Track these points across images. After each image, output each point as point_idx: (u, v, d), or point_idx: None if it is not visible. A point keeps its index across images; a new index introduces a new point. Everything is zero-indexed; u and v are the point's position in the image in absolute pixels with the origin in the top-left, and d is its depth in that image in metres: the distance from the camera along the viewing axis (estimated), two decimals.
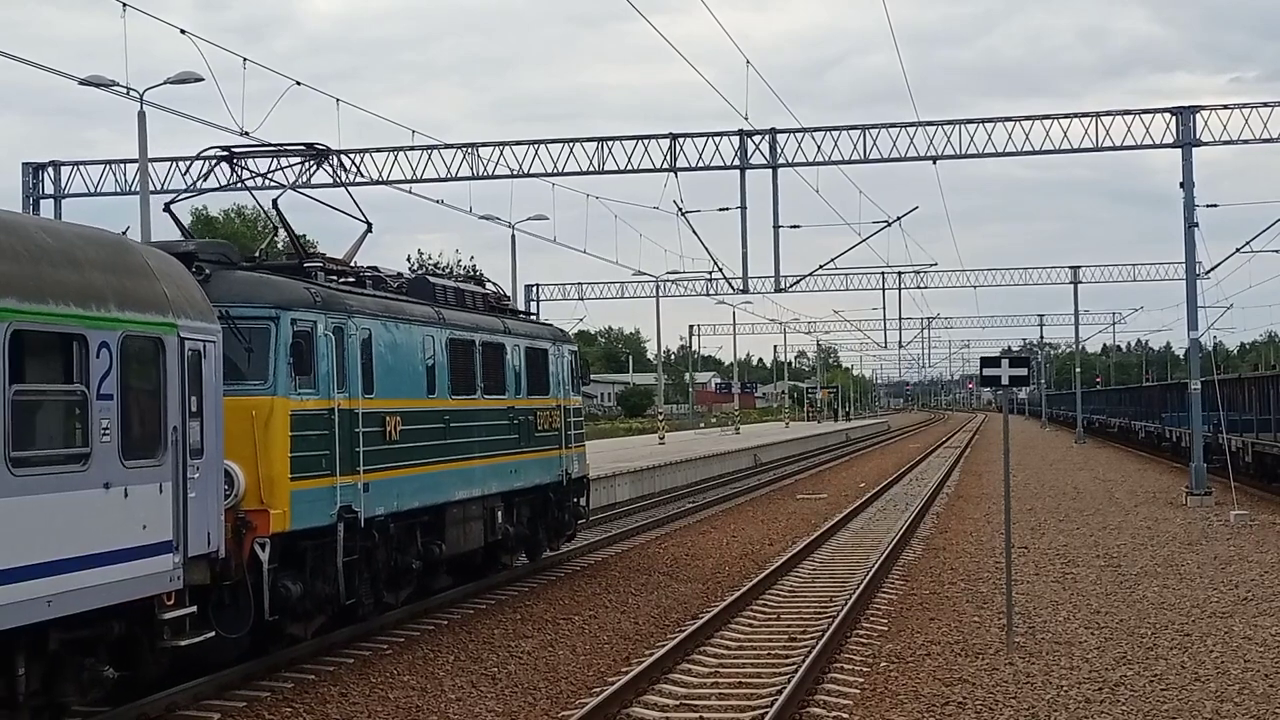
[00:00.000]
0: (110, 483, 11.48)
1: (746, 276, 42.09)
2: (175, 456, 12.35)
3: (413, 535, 18.00)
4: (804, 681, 13.73)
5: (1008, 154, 36.95)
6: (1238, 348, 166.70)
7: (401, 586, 17.99)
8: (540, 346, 22.91)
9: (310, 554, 15.40)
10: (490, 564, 21.61)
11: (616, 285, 78.02)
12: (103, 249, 12.13)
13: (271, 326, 15.10)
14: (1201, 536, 27.18)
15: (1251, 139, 34.96)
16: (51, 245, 11.34)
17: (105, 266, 11.88)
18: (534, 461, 22.15)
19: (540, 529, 22.96)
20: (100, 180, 40.11)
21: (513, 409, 21.36)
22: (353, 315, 16.39)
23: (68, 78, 29.89)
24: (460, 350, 19.38)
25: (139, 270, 12.35)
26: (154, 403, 12.18)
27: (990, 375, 16.88)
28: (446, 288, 20.57)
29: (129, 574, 11.69)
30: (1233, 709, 12.96)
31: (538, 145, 37.80)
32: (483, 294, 22.02)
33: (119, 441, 11.58)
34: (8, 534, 10.23)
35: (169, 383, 12.33)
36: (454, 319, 19.50)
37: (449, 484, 18.80)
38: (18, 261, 10.65)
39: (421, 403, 18.10)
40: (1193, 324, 36.53)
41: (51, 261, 11.11)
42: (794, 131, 37.17)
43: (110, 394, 11.48)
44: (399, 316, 17.71)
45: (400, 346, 17.58)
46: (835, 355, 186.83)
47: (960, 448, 72.30)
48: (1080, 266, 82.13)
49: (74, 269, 11.36)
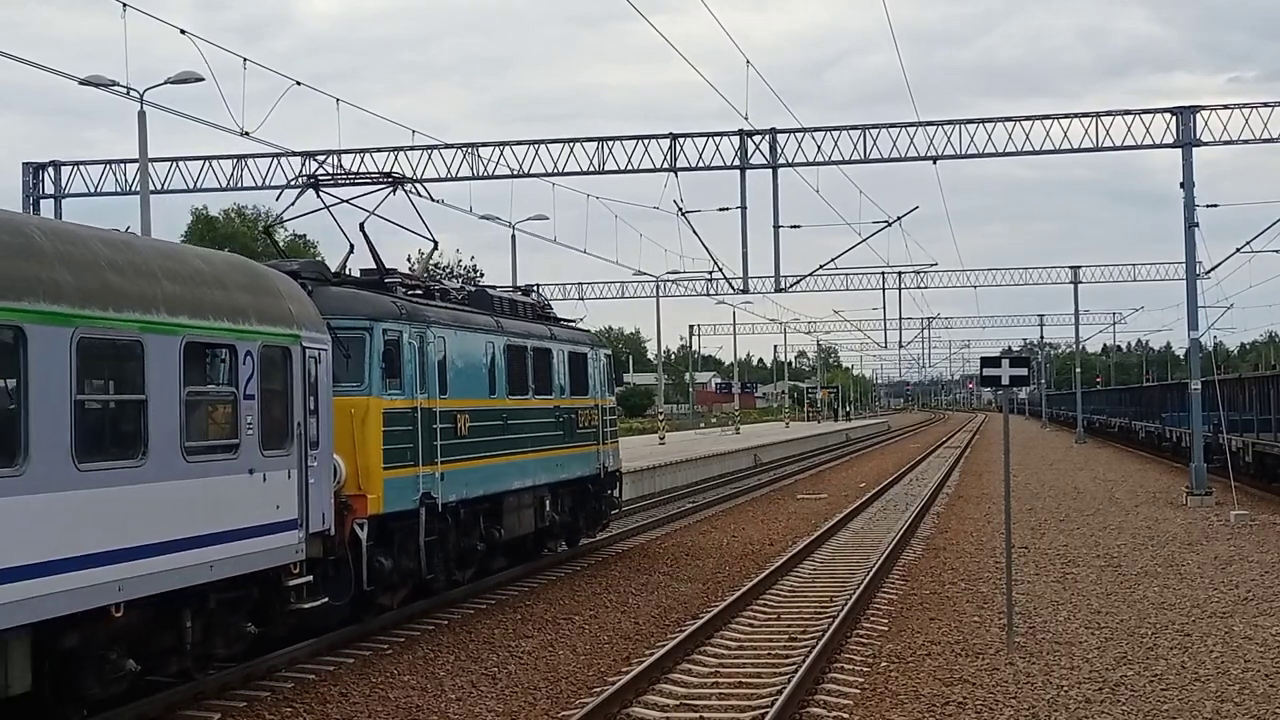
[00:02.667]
0: (254, 469, 13.66)
1: (746, 276, 42.09)
2: (299, 447, 14.60)
3: (477, 520, 20.17)
4: (804, 681, 13.73)
5: (1008, 154, 36.92)
6: (1238, 348, 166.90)
7: (467, 565, 20.20)
8: (580, 351, 25.07)
9: (398, 534, 17.64)
10: (537, 549, 23.78)
11: (616, 285, 78.09)
12: (243, 273, 14.45)
13: (366, 336, 17.35)
14: (1202, 536, 27.18)
15: (1251, 139, 34.95)
16: (207, 271, 13.64)
17: (246, 288, 14.12)
18: (576, 456, 24.35)
19: (580, 517, 25.16)
20: (100, 180, 40.14)
21: (558, 408, 23.51)
22: (430, 325, 18.59)
23: (68, 78, 29.93)
24: (515, 355, 21.65)
25: (270, 290, 14.60)
26: (283, 402, 14.37)
27: (990, 375, 16.88)
28: (502, 299, 22.77)
29: (267, 546, 13.89)
30: (1233, 709, 12.95)
31: (538, 145, 37.82)
32: (531, 303, 24.23)
33: (259, 434, 13.75)
34: (183, 510, 12.50)
35: (294, 385, 14.55)
36: (510, 327, 21.75)
37: (507, 475, 21.07)
38: (186, 285, 12.97)
39: (485, 402, 20.30)
40: (1193, 324, 36.52)
41: (208, 284, 13.38)
42: (794, 131, 37.17)
43: (253, 394, 13.67)
44: (466, 325, 19.93)
45: (468, 352, 19.82)
46: (835, 355, 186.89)
47: (960, 448, 72.29)
48: (1080, 266, 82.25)
49: (224, 290, 13.62)
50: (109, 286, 11.74)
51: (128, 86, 31.03)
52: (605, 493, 26.31)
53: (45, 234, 11.66)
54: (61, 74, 40.48)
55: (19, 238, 11.15)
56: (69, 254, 11.56)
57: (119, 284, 11.93)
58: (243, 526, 13.42)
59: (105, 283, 11.72)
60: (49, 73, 53.12)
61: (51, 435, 10.91)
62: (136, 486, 11.94)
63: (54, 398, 10.96)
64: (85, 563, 11.25)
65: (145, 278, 12.40)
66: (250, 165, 39.10)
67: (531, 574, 19.46)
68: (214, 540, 12.91)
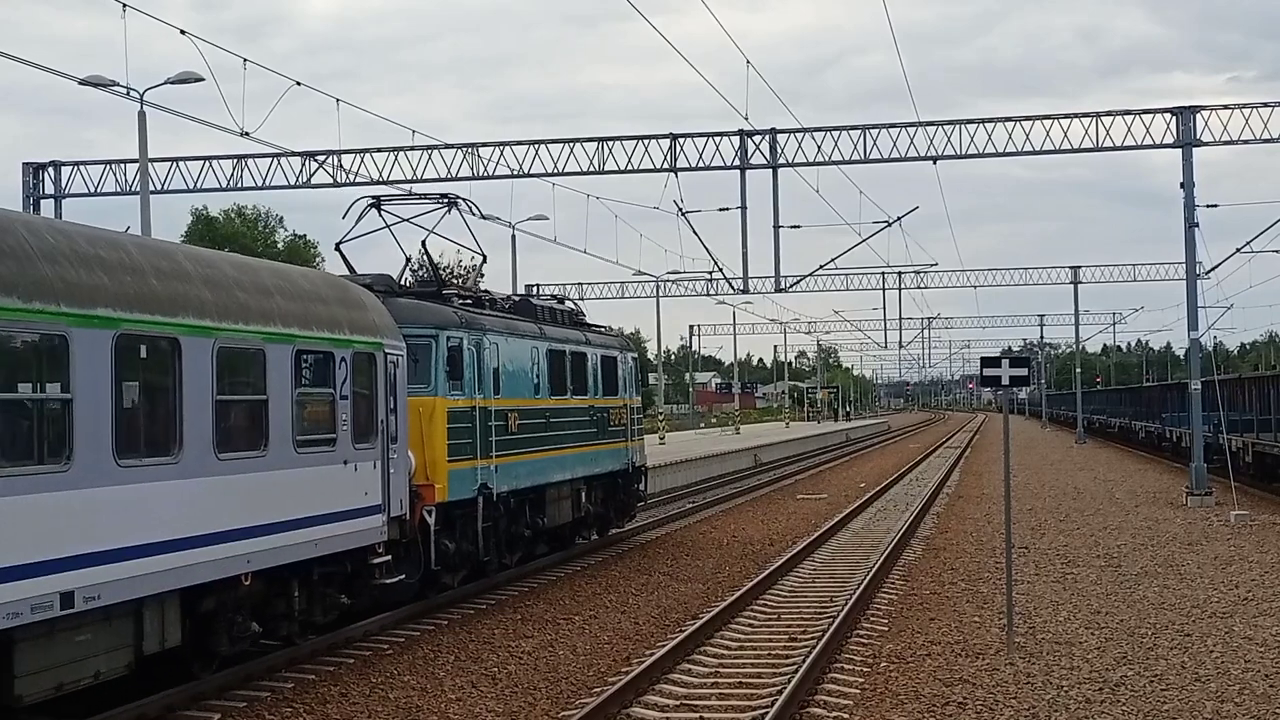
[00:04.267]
0: (348, 460, 15.57)
1: (747, 276, 42.09)
2: (382, 442, 16.42)
3: (524, 509, 22.09)
4: (804, 681, 13.73)
5: (1008, 154, 36.90)
6: (1238, 348, 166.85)
7: (515, 550, 22.13)
8: (611, 354, 26.88)
9: (459, 520, 19.54)
10: (572, 537, 25.56)
11: (616, 285, 78.04)
12: (337, 289, 16.44)
13: (432, 343, 19.21)
14: (1202, 536, 27.18)
15: (1251, 139, 34.92)
16: (309, 288, 15.61)
17: (340, 302, 16.01)
18: (608, 451, 26.26)
19: (610, 509, 27.07)
20: (100, 180, 40.12)
21: (593, 407, 25.37)
22: (485, 333, 20.51)
23: (67, 78, 29.89)
24: (556, 359, 23.55)
25: (358, 304, 16.49)
26: (369, 401, 16.16)
27: (990, 375, 16.86)
28: (543, 307, 24.78)
29: (358, 527, 15.79)
30: (1233, 709, 12.95)
31: (538, 145, 37.80)
32: (567, 311, 26.15)
33: (351, 430, 15.65)
34: (295, 495, 14.41)
35: (378, 386, 16.36)
36: (551, 333, 23.65)
37: (550, 468, 22.97)
38: (296, 300, 14.91)
39: (531, 402, 22.21)
40: (1193, 324, 36.49)
41: (312, 300, 15.34)
42: (794, 131, 37.16)
43: (347, 395, 15.60)
44: (514, 332, 21.87)
45: (516, 356, 21.72)
46: (835, 355, 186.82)
47: (960, 448, 72.28)
48: (1080, 266, 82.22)
49: (324, 305, 15.54)
50: (239, 303, 13.65)
51: (127, 86, 31.04)
52: (633, 486, 28.10)
53: (190, 259, 13.68)
54: (61, 74, 40.53)
55: (172, 263, 13.11)
56: (208, 276, 13.50)
57: (246, 301, 13.83)
58: (339, 510, 15.38)
59: (236, 300, 13.64)
60: (48, 73, 53.14)
61: (199, 429, 12.75)
62: (260, 474, 13.87)
63: (200, 397, 12.81)
64: (224, 538, 13.19)
65: (265, 295, 14.34)
66: (250, 165, 39.09)
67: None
68: (318, 521, 14.89)
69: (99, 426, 11.36)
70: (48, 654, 11.15)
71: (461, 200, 22.59)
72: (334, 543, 15.25)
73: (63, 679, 11.42)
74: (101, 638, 11.83)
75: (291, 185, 39.34)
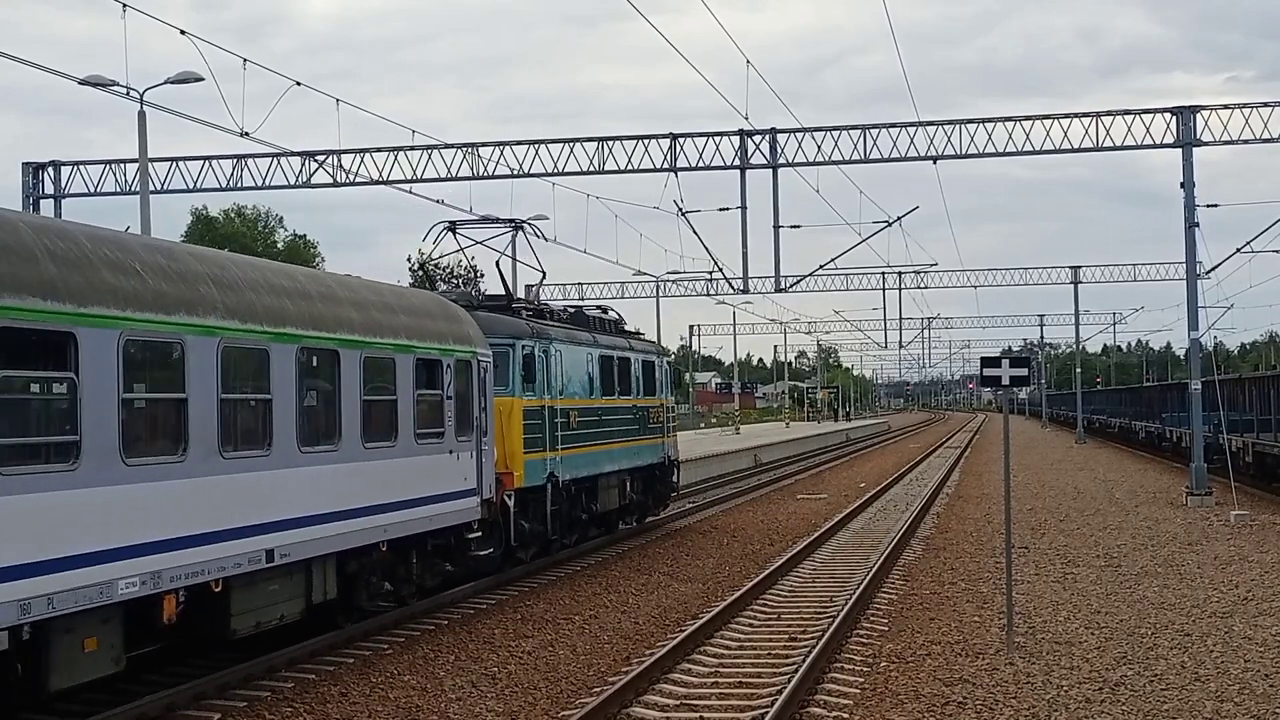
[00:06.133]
0: (452, 450, 18.53)
1: (747, 276, 42.01)
2: (477, 435, 19.42)
3: (581, 496, 25.06)
4: (804, 681, 13.73)
5: (1008, 154, 36.83)
6: (1238, 348, 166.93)
7: (573, 531, 25.08)
8: (650, 359, 29.86)
9: (532, 504, 22.56)
10: (616, 523, 28.41)
11: (616, 285, 78.01)
12: (440, 306, 19.51)
13: (510, 350, 22.30)
14: (1202, 536, 27.18)
15: (1251, 139, 34.89)
16: (420, 305, 18.70)
17: (444, 317, 18.99)
18: (647, 446, 29.12)
19: (649, 498, 29.91)
20: (100, 180, 40.10)
21: (635, 406, 28.27)
22: (551, 341, 23.52)
23: (67, 78, 29.88)
24: (606, 363, 26.49)
25: (458, 318, 19.52)
26: (467, 401, 19.07)
27: (990, 375, 16.86)
28: (593, 318, 27.53)
29: (459, 507, 18.77)
30: (1233, 709, 12.95)
31: (538, 145, 37.77)
32: (613, 320, 28.93)
33: (455, 424, 18.56)
34: (416, 478, 17.37)
35: (473, 388, 19.33)
36: (602, 340, 26.64)
37: (602, 460, 25.95)
38: (414, 317, 17.89)
39: (587, 401, 25.13)
40: (1193, 324, 36.48)
41: (424, 316, 18.37)
42: (794, 131, 37.13)
43: (451, 395, 18.52)
44: (573, 340, 24.81)
45: (575, 361, 24.71)
46: (835, 355, 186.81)
47: (960, 448, 72.28)
48: (1080, 266, 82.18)
49: (432, 320, 18.53)
50: (378, 322, 16.76)
51: (127, 86, 31.03)
52: (668, 478, 31.02)
53: (341, 286, 16.61)
54: (61, 74, 40.55)
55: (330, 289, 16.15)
56: (355, 299, 16.58)
57: (381, 319, 16.86)
58: (447, 492, 18.37)
59: (375, 319, 16.72)
60: (48, 73, 53.16)
61: (352, 423, 15.74)
62: (392, 460, 16.78)
63: (352, 397, 15.79)
64: (368, 513, 16.10)
65: (393, 313, 17.31)
66: (250, 165, 39.06)
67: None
68: (432, 501, 17.82)
69: (286, 421, 14.37)
70: (250, 599, 14.07)
71: (526, 224, 26.33)
72: (443, 519, 18.25)
73: (260, 619, 14.30)
74: (285, 589, 14.79)
75: (291, 185, 39.32)
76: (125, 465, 11.80)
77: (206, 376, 13.07)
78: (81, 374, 11.26)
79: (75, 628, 11.48)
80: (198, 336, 12.96)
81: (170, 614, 12.75)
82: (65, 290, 11.17)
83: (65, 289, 11.18)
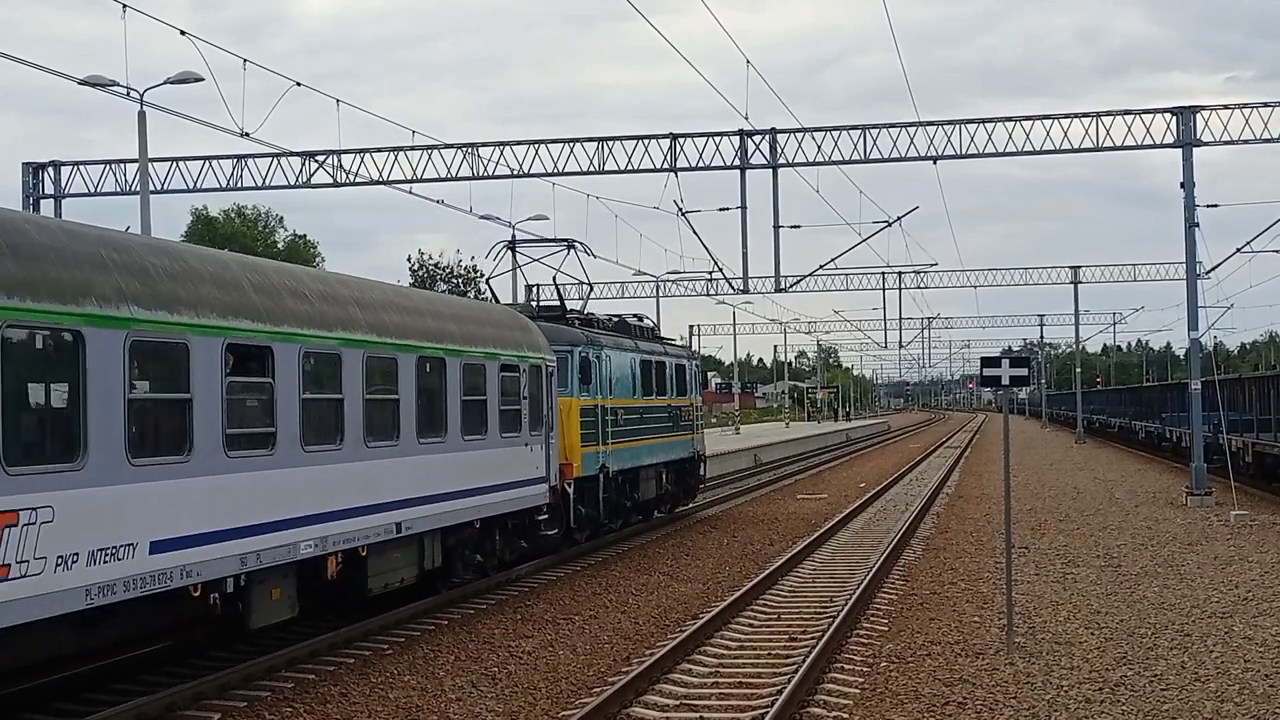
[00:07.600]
0: (527, 443, 21.29)
1: (747, 276, 42.00)
2: (546, 430, 22.18)
3: (625, 486, 28.00)
4: (804, 681, 13.73)
5: (1008, 154, 36.81)
6: (1238, 348, 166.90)
7: (619, 518, 28.12)
8: (681, 362, 32.73)
9: (587, 492, 25.52)
10: (652, 511, 31.10)
11: (617, 285, 77.86)
12: (514, 318, 22.29)
13: (569, 356, 25.09)
14: (1201, 536, 27.17)
15: (1251, 139, 34.87)
16: (499, 318, 21.44)
17: (517, 328, 21.76)
18: (679, 442, 31.93)
19: (680, 489, 32.69)
20: (100, 180, 40.10)
21: (669, 405, 31.04)
22: (603, 348, 26.48)
23: (67, 78, 29.87)
24: (645, 366, 29.31)
25: (528, 329, 22.28)
26: (538, 401, 21.75)
27: (990, 375, 16.85)
28: (632, 325, 30.48)
29: (531, 492, 21.49)
30: (1233, 709, 12.95)
31: (538, 145, 37.77)
32: (649, 328, 31.88)
33: (529, 421, 21.33)
34: (500, 467, 20.15)
35: (543, 389, 22.00)
36: (642, 345, 29.59)
37: (642, 454, 28.84)
38: (495, 328, 20.73)
39: (630, 401, 28.03)
40: (1193, 324, 36.48)
41: (502, 327, 21.12)
42: (794, 131, 37.12)
43: (526, 396, 21.20)
44: (619, 346, 27.77)
45: (621, 365, 27.66)
46: (835, 355, 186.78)
47: (960, 448, 72.27)
48: (1080, 266, 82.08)
49: (509, 330, 21.28)
50: (472, 334, 19.53)
51: (127, 87, 31.04)
52: (696, 471, 33.82)
53: (444, 304, 19.94)
54: (61, 74, 40.53)
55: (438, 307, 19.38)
56: (455, 314, 19.64)
57: (474, 331, 19.69)
58: (523, 479, 21.10)
59: (470, 331, 19.52)
60: (48, 73, 53.15)
61: (454, 419, 18.51)
62: (483, 450, 19.52)
63: (455, 397, 18.56)
64: (466, 495, 18.94)
65: (480, 325, 20.21)
66: (250, 165, 39.06)
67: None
68: (513, 486, 20.65)
69: (408, 417, 17.18)
70: (381, 564, 16.86)
71: (577, 243, 29.27)
72: (521, 501, 21.02)
73: (387, 581, 17.16)
74: (405, 556, 17.62)
75: (291, 185, 39.32)
76: (304, 451, 14.72)
77: (354, 381, 15.88)
78: (276, 380, 14.27)
79: (266, 580, 14.36)
80: (350, 349, 15.85)
81: (333, 572, 15.59)
82: (267, 313, 14.28)
83: (268, 313, 14.32)
